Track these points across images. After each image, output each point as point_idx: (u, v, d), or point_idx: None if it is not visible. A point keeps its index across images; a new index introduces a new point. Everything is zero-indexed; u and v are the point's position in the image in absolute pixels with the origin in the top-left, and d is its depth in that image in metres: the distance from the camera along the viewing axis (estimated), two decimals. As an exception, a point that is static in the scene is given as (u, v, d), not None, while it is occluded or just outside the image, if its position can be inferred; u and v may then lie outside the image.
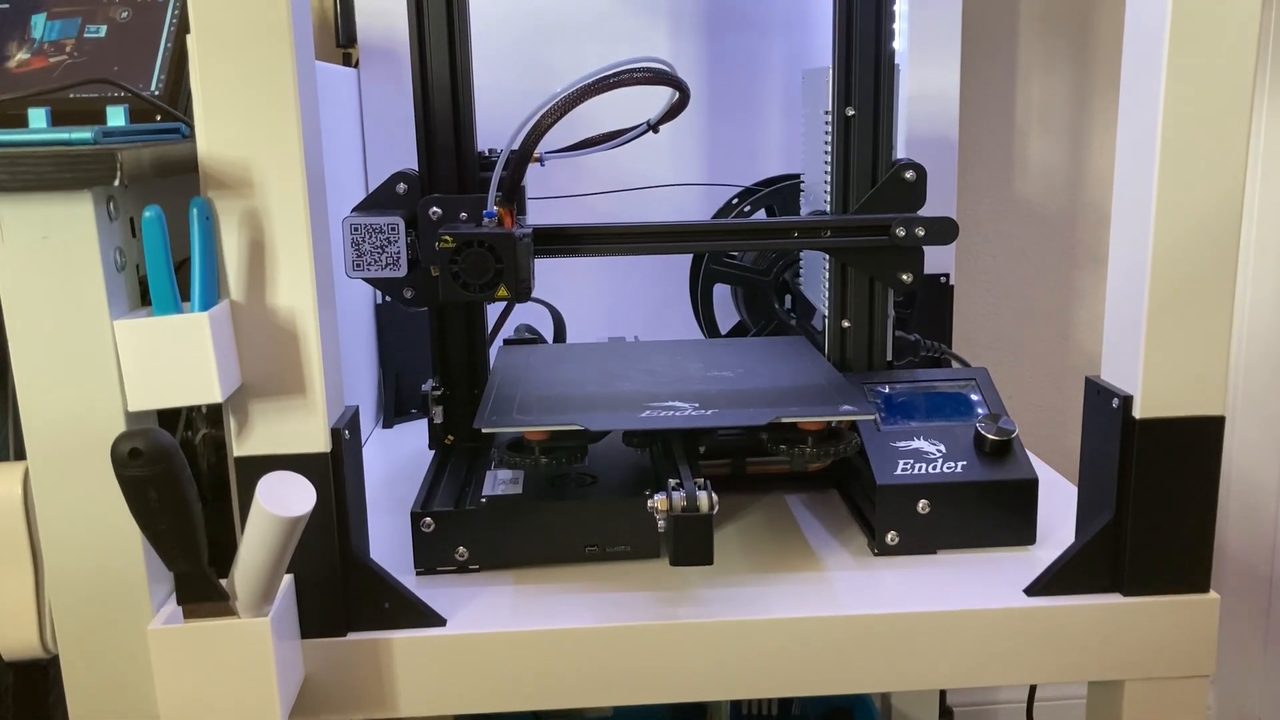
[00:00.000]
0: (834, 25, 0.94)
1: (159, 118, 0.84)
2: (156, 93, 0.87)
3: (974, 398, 0.93)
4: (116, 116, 0.76)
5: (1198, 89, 0.70)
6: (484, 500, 0.84)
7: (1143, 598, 0.77)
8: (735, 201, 1.19)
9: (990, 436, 0.86)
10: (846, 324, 0.99)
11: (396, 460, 1.12)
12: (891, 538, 0.85)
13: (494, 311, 1.09)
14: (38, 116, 0.76)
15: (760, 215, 1.19)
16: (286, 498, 0.64)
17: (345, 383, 0.79)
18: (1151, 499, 0.76)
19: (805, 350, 1.00)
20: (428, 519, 0.83)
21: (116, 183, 0.62)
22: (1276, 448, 1.49)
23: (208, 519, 0.64)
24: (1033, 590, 0.78)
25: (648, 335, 1.27)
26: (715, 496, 0.74)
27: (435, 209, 0.91)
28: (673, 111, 0.94)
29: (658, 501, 0.74)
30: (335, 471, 0.72)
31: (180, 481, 0.60)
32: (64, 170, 0.62)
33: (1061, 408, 1.51)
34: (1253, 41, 0.70)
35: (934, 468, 0.85)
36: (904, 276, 0.96)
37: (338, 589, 0.74)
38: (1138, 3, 0.73)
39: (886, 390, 0.94)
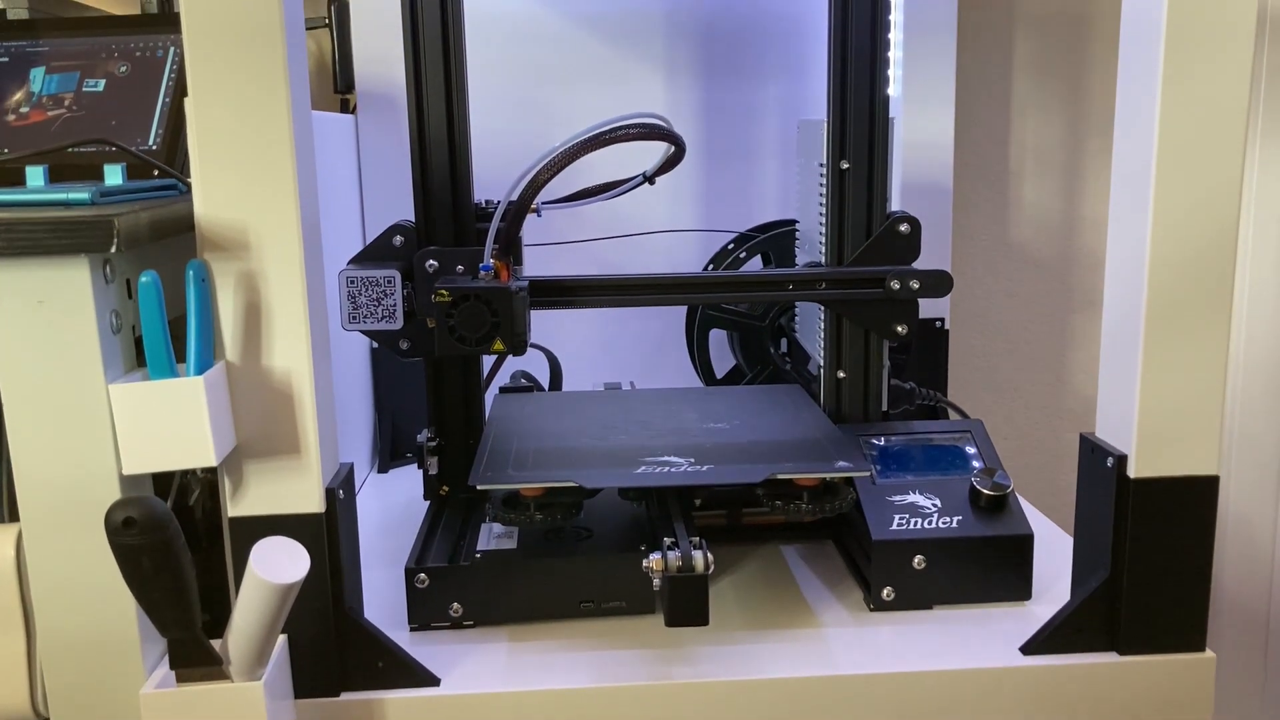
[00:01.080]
0: (829, 77, 0.95)
1: (156, 173, 0.84)
2: (154, 147, 0.88)
3: (969, 450, 0.93)
4: (114, 175, 0.76)
5: (1190, 159, 0.71)
6: (478, 556, 0.83)
7: (1139, 657, 0.77)
8: (731, 247, 1.20)
9: (985, 491, 0.86)
10: (842, 374, 0.99)
11: (391, 508, 1.12)
12: (887, 593, 0.85)
13: (490, 357, 1.09)
14: (35, 174, 0.76)
15: (756, 261, 1.20)
16: (280, 563, 0.64)
17: (340, 428, 0.79)
18: (1147, 558, 0.76)
19: (801, 401, 1.00)
20: (422, 575, 0.83)
21: (113, 249, 0.62)
22: (1273, 490, 1.49)
23: (201, 565, 0.64)
24: (1029, 649, 0.78)
25: (644, 377, 1.28)
26: (710, 556, 0.74)
27: (432, 261, 0.91)
28: (669, 164, 0.95)
29: (653, 561, 0.74)
30: (329, 531, 0.72)
31: (174, 550, 0.60)
32: (61, 236, 0.62)
33: (1057, 450, 1.51)
34: (1244, 98, 0.71)
35: (929, 522, 0.85)
36: (899, 328, 0.96)
37: (331, 649, 0.74)
38: (1131, 46, 0.74)
39: (882, 442, 0.94)
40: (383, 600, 0.87)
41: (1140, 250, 0.73)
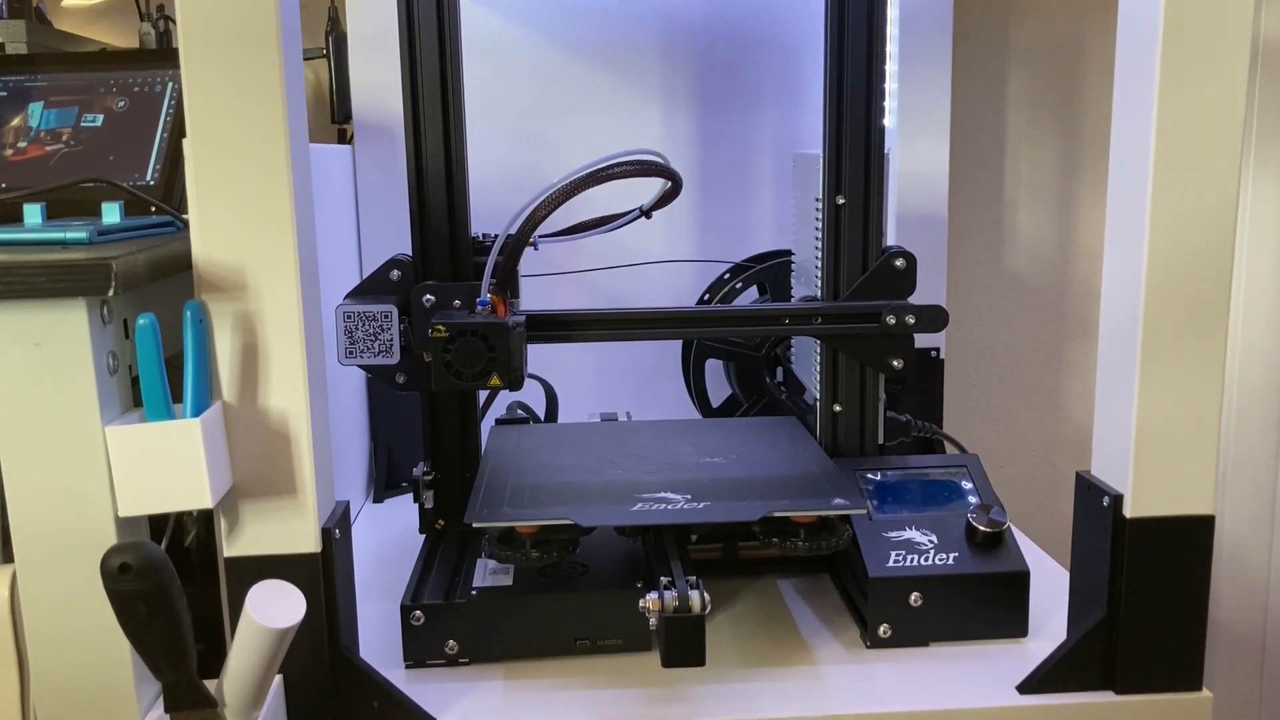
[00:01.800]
0: (824, 110, 0.96)
1: (154, 209, 0.84)
2: (152, 182, 0.88)
3: (965, 485, 0.93)
4: (112, 213, 0.76)
5: (1183, 203, 0.72)
6: (474, 593, 0.83)
7: (1136, 696, 0.77)
8: (727, 277, 1.20)
9: (982, 528, 0.86)
10: (838, 408, 0.99)
11: (387, 538, 1.12)
12: (884, 630, 0.85)
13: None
14: (33, 212, 0.76)
15: (752, 291, 1.20)
16: (276, 608, 0.63)
17: (336, 456, 0.78)
18: (1143, 597, 0.76)
19: (797, 434, 1.00)
20: (417, 612, 0.82)
21: (111, 292, 0.62)
22: (1267, 519, 1.49)
23: (197, 596, 0.64)
24: (1025, 688, 0.78)
25: (640, 405, 1.28)
26: (707, 596, 0.74)
27: (429, 296, 0.91)
28: (665, 199, 0.95)
29: (649, 601, 0.74)
30: (325, 571, 0.72)
31: (170, 595, 0.60)
32: (58, 280, 0.62)
33: (1052, 477, 1.51)
34: (1239, 122, 0.71)
35: (926, 559, 0.85)
36: (894, 362, 0.96)
37: (326, 689, 0.74)
38: (1125, 80, 0.74)
39: (878, 477, 0.94)
40: (378, 636, 0.86)
41: (1136, 291, 0.73)
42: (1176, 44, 0.70)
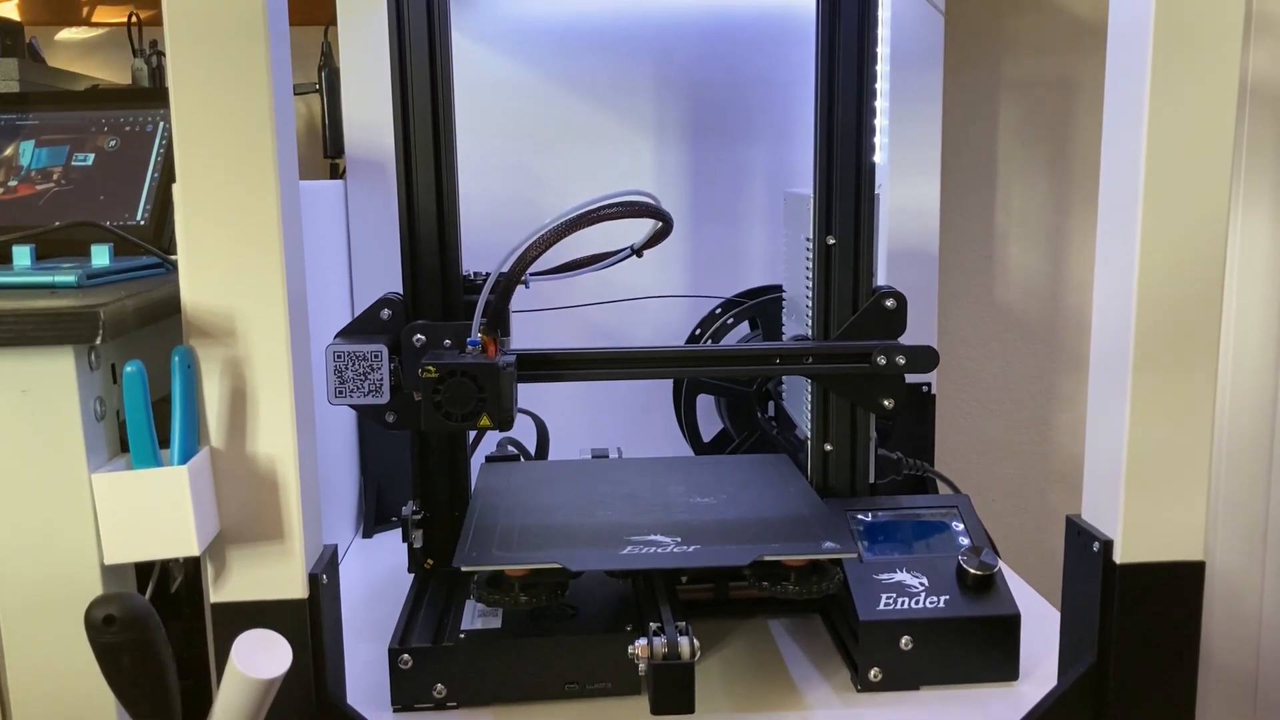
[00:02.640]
0: (815, 148, 0.96)
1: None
2: (142, 222, 0.88)
3: (956, 526, 0.93)
4: (101, 255, 0.76)
5: (1175, 252, 0.72)
6: (462, 636, 0.83)
7: (1126, 742, 0.77)
8: (719, 311, 1.20)
9: (972, 571, 0.86)
10: (829, 447, 0.99)
11: (376, 575, 1.11)
12: (874, 674, 0.84)
13: (477, 426, 1.08)
14: (22, 254, 0.76)
15: (743, 326, 1.20)
16: (262, 657, 0.63)
17: (324, 492, 0.78)
18: (1133, 644, 0.75)
19: (788, 473, 1.00)
20: (405, 655, 0.82)
21: (99, 340, 0.62)
22: (1259, 555, 1.49)
23: (183, 633, 0.63)
24: (1016, 734, 0.78)
25: (631, 439, 1.27)
26: (697, 643, 0.74)
27: (419, 336, 0.91)
28: (657, 238, 0.95)
29: (639, 648, 0.74)
30: (312, 617, 0.72)
31: (155, 646, 0.59)
32: (46, 329, 0.62)
33: (1043, 510, 1.51)
34: (1226, 165, 0.71)
35: (916, 602, 0.85)
36: (885, 402, 0.96)
37: (313, 736, 0.73)
38: (1115, 112, 0.75)
39: (869, 518, 0.93)
40: (366, 678, 0.86)
41: (1125, 330, 0.73)
42: (1166, 77, 0.70)
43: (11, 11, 1.30)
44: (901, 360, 0.94)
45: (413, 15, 0.92)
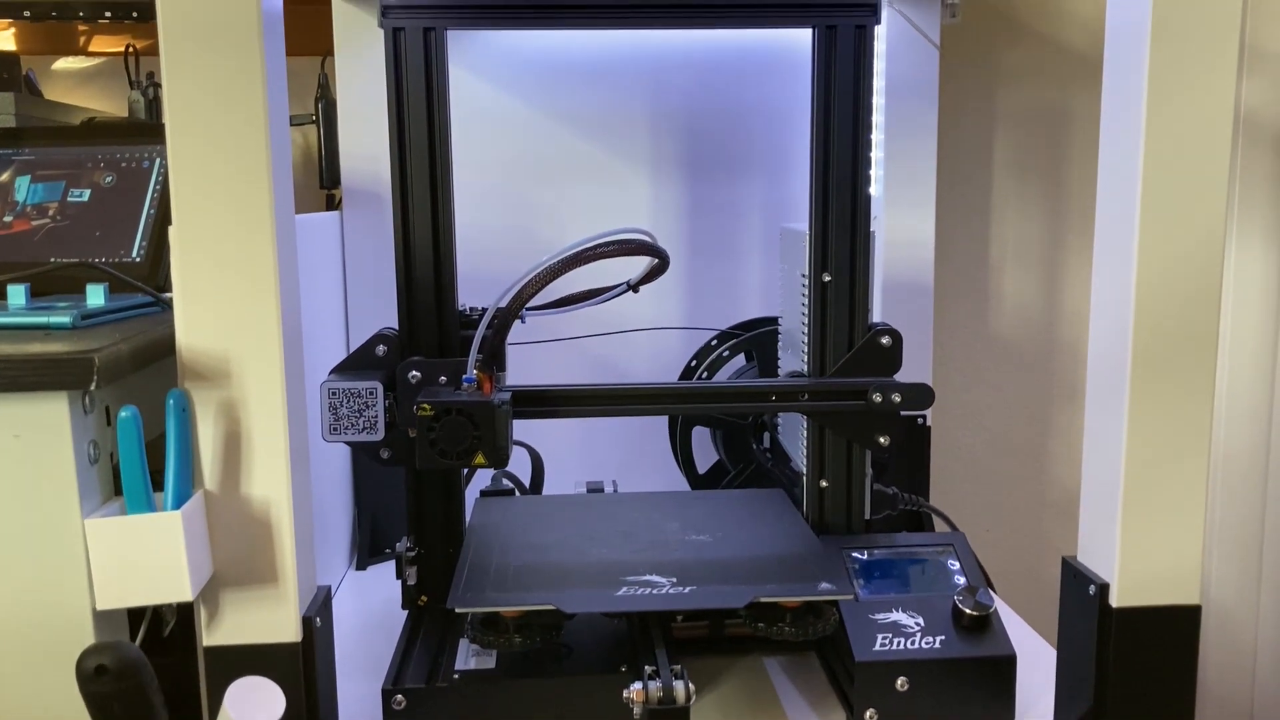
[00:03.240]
0: (811, 183, 0.96)
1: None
2: (137, 259, 0.88)
3: (952, 565, 0.93)
4: (96, 294, 0.76)
5: (1171, 287, 0.72)
6: (456, 676, 0.82)
7: (1123, 786, 0.77)
8: (715, 344, 1.20)
9: (968, 611, 0.86)
10: (825, 484, 0.99)
11: (370, 609, 1.10)
12: (870, 715, 0.84)
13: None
14: (16, 293, 0.76)
15: (739, 358, 1.20)
16: (255, 704, 0.63)
17: (318, 524, 0.78)
18: (1129, 688, 0.75)
19: (784, 509, 1.00)
20: (399, 696, 0.81)
21: (93, 386, 0.62)
22: (1253, 581, 1.49)
23: (175, 668, 0.63)
24: (1012, 778, 0.78)
25: (626, 471, 1.27)
26: (692, 686, 0.73)
27: (414, 373, 0.91)
28: (652, 274, 0.95)
29: (634, 692, 0.74)
30: (306, 660, 0.71)
31: (146, 695, 0.59)
32: (40, 374, 0.62)
33: (1038, 542, 1.51)
34: (1222, 195, 0.72)
35: (912, 643, 0.85)
36: (881, 439, 0.96)
37: (305, 780, 0.72)
38: (1110, 139, 0.75)
39: (865, 556, 0.93)
40: (360, 718, 0.85)
41: (1122, 371, 0.73)
42: (1161, 104, 0.71)
43: (9, 42, 1.30)
44: (897, 398, 0.94)
45: (410, 47, 0.92)
